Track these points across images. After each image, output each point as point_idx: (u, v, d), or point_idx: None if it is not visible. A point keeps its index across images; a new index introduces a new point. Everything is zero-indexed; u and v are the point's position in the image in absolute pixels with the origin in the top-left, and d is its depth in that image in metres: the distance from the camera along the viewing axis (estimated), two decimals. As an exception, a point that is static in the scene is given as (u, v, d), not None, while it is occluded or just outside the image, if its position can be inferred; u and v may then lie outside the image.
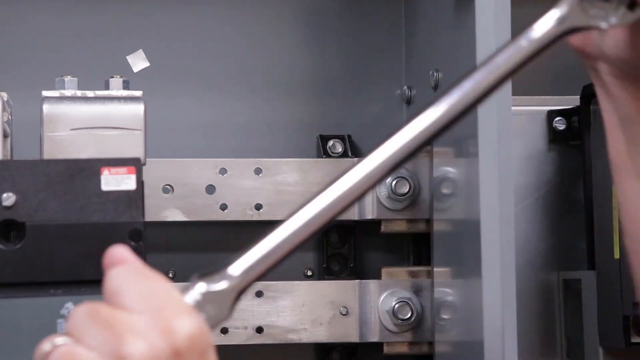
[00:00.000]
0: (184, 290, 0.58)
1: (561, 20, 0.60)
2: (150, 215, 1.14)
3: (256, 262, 0.60)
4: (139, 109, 0.99)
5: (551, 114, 1.24)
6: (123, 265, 0.57)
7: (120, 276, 0.56)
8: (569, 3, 0.60)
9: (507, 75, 0.59)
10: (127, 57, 1.22)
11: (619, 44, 0.64)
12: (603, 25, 0.60)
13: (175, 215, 1.22)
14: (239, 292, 0.59)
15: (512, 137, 1.04)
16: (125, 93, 1.00)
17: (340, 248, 1.29)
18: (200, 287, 0.58)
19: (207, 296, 0.58)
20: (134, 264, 0.57)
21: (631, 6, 0.60)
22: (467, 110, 0.59)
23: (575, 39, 0.67)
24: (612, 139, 0.70)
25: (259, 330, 1.22)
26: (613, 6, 0.60)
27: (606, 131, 0.70)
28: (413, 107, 1.32)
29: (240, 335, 1.22)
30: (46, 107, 0.98)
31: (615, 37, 0.64)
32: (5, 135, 1.01)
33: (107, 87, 1.01)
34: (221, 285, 0.58)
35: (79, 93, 0.99)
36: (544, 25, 0.60)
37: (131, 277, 0.56)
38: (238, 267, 0.60)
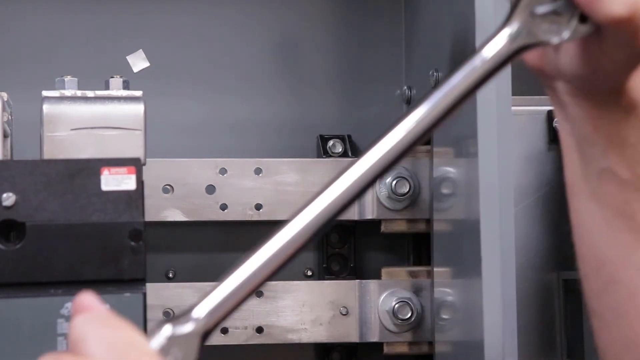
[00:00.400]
0: (150, 335, 0.58)
1: (513, 38, 0.59)
2: (150, 215, 1.14)
3: (222, 301, 0.60)
4: (139, 109, 0.99)
5: (551, 114, 1.24)
6: (88, 312, 0.57)
7: (85, 324, 0.56)
8: (520, 20, 0.59)
9: (463, 97, 0.58)
10: (127, 57, 1.22)
11: (574, 59, 0.63)
12: (555, 40, 0.59)
13: (175, 215, 1.22)
14: (205, 334, 0.59)
15: (512, 137, 1.04)
16: (125, 93, 1.00)
17: (340, 248, 1.29)
18: (166, 331, 0.58)
19: (173, 340, 0.58)
20: (100, 311, 0.57)
21: (582, 19, 0.59)
22: (425, 134, 0.58)
23: (532, 59, 0.67)
24: (568, 160, 0.70)
25: (259, 330, 1.22)
26: (565, 20, 0.59)
27: (563, 152, 0.70)
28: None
29: (240, 335, 1.22)
30: (46, 107, 0.98)
31: (570, 53, 0.63)
32: (5, 135, 1.01)
33: (107, 87, 1.01)
34: (187, 328, 0.58)
35: (79, 93, 0.99)
36: (497, 44, 0.59)
37: (96, 324, 0.56)
38: (203, 308, 0.59)
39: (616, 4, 0.58)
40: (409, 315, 1.22)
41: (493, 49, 0.59)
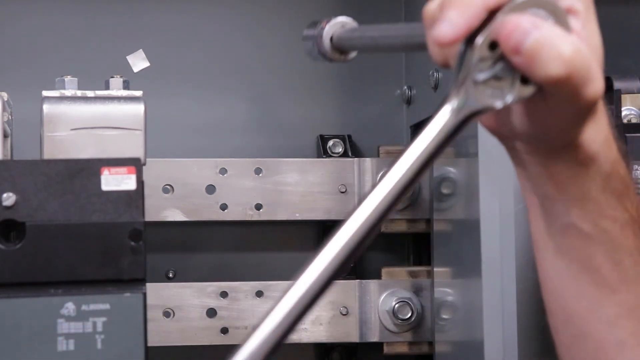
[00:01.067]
0: None
1: (457, 110, 0.59)
2: (150, 215, 1.14)
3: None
4: (139, 109, 0.99)
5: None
6: None
7: None
8: (461, 91, 0.59)
9: (418, 172, 0.58)
10: (127, 57, 1.22)
11: (525, 119, 0.63)
12: (499, 104, 0.59)
13: (175, 215, 1.22)
14: None
15: (512, 137, 1.04)
16: (125, 93, 1.00)
17: (340, 248, 1.29)
18: None
19: None
20: None
21: (524, 81, 0.59)
22: (384, 215, 0.58)
23: (488, 122, 0.67)
24: (532, 217, 0.70)
25: (259, 330, 1.22)
26: (507, 84, 0.59)
27: (528, 210, 0.70)
28: (413, 106, 1.32)
29: (240, 335, 1.22)
30: (46, 107, 0.98)
31: (520, 113, 0.64)
32: (5, 135, 1.01)
33: (107, 87, 1.01)
34: None
35: (79, 93, 0.99)
36: (441, 119, 0.59)
37: None
38: None
39: (553, 65, 0.58)
40: (409, 315, 1.22)
41: (439, 124, 0.59)
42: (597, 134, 0.64)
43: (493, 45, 0.59)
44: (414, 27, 0.67)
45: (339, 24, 0.83)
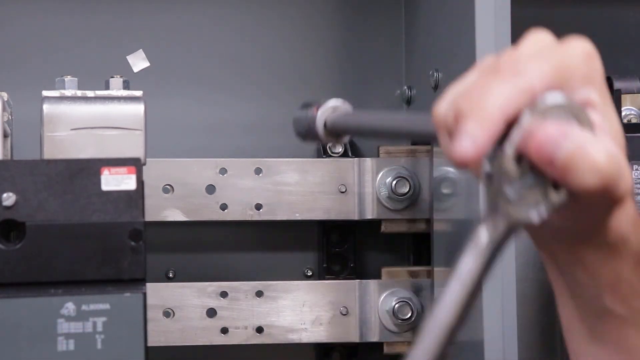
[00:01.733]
0: None
1: (494, 231, 0.57)
2: (150, 215, 1.14)
3: None
4: (139, 109, 0.99)
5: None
6: None
7: None
8: (495, 209, 0.57)
9: (468, 302, 0.57)
10: (127, 57, 1.22)
11: (553, 215, 0.60)
12: (534, 217, 0.56)
13: (175, 215, 1.22)
14: None
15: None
16: (125, 93, 1.00)
17: (340, 248, 1.29)
18: None
19: None
20: None
21: (556, 187, 0.57)
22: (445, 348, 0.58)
23: None
24: (562, 306, 0.69)
25: (259, 330, 1.22)
26: (540, 193, 0.57)
27: (555, 296, 0.69)
28: (413, 107, 1.32)
29: (240, 335, 1.22)
30: (46, 107, 0.98)
31: None
32: (5, 135, 1.01)
33: (107, 87, 1.01)
34: None
35: (79, 93, 0.99)
36: (480, 242, 0.58)
37: None
38: None
39: (588, 176, 0.56)
40: (409, 315, 1.22)
41: (478, 249, 0.58)
42: (625, 217, 0.63)
43: (519, 157, 0.56)
44: (416, 118, 0.65)
45: (330, 109, 0.83)
